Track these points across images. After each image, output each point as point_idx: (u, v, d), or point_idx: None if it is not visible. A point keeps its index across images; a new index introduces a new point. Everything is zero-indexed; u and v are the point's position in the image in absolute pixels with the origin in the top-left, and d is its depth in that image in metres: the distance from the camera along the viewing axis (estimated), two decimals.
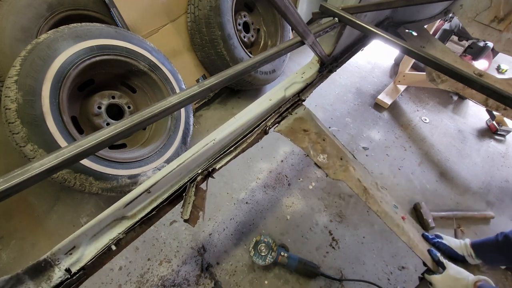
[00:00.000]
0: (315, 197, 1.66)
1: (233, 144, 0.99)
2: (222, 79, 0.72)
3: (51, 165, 0.49)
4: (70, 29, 1.21)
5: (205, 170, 0.92)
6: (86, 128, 1.40)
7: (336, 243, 1.48)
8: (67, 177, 1.15)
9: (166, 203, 0.86)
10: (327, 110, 2.22)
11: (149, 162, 1.41)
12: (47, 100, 1.11)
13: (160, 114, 0.63)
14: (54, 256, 0.69)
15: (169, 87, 1.55)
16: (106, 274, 1.30)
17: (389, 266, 1.44)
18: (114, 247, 0.76)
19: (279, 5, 0.71)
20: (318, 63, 1.22)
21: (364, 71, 2.66)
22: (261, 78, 1.97)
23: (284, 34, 2.16)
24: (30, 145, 1.06)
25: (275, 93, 1.11)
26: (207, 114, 2.06)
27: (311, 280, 1.34)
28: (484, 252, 1.01)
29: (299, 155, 1.85)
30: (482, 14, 1.44)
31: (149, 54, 1.46)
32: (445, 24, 2.30)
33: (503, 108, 1.68)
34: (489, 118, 2.30)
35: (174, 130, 1.55)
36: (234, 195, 1.62)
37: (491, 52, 2.36)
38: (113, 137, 0.56)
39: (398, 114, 2.28)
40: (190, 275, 1.32)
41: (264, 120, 1.08)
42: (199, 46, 1.81)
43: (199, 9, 1.67)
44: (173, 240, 1.42)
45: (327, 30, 1.01)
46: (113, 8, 1.54)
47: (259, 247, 1.33)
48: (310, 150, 1.09)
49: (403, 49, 0.93)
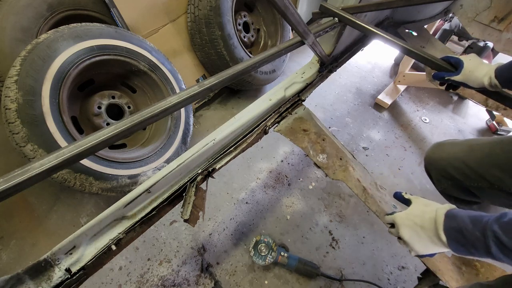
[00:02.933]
0: (315, 197, 1.66)
1: (233, 144, 0.99)
2: (222, 79, 0.72)
3: (51, 165, 0.49)
4: (70, 29, 1.21)
5: (205, 170, 0.92)
6: (86, 128, 1.40)
7: (336, 243, 1.48)
8: (67, 177, 1.15)
9: (166, 203, 0.86)
10: (327, 110, 2.22)
11: (149, 162, 1.42)
12: (47, 100, 1.11)
13: (160, 114, 0.63)
14: (54, 256, 0.69)
15: (169, 87, 1.55)
16: (106, 274, 1.30)
17: (389, 266, 1.44)
18: (114, 247, 0.76)
19: (279, 5, 0.72)
20: (318, 63, 1.23)
21: (364, 71, 2.66)
22: (261, 78, 1.97)
23: (284, 34, 2.16)
24: (30, 145, 1.06)
25: (275, 93, 1.11)
26: (207, 114, 2.06)
27: (311, 280, 1.34)
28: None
29: (299, 155, 1.85)
30: (482, 14, 1.44)
31: (149, 54, 1.46)
32: (445, 24, 2.30)
33: (503, 108, 1.68)
34: (489, 118, 2.30)
35: (174, 130, 1.55)
36: (234, 195, 1.62)
37: (491, 52, 2.36)
38: (113, 137, 0.56)
39: (398, 114, 2.28)
40: (190, 275, 1.32)
41: (264, 120, 1.08)
42: (199, 46, 1.81)
43: (199, 9, 1.67)
44: (173, 240, 1.42)
45: (327, 30, 1.01)
46: (113, 8, 1.54)
47: (259, 247, 1.33)
48: (309, 150, 1.09)
49: (403, 49, 0.93)
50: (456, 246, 0.59)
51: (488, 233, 0.53)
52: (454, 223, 0.59)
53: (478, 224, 0.55)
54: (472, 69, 0.86)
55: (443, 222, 0.60)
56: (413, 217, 0.68)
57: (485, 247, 0.54)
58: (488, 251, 0.54)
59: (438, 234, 0.61)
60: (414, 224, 0.66)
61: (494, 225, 0.53)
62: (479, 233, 0.54)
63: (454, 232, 0.59)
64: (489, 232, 0.53)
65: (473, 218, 0.57)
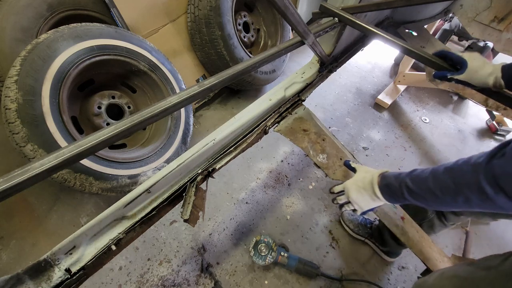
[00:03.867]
0: (315, 197, 1.66)
1: (233, 144, 0.99)
2: (222, 79, 0.72)
3: (51, 165, 0.49)
4: (70, 29, 1.21)
5: (205, 170, 0.92)
6: (86, 128, 1.40)
7: (336, 243, 1.48)
8: (67, 177, 1.15)
9: (166, 203, 0.86)
10: (327, 110, 2.22)
11: (149, 162, 1.41)
12: (47, 100, 1.11)
13: (160, 114, 0.62)
14: (54, 256, 0.68)
15: (169, 87, 1.55)
16: (106, 274, 1.30)
17: (389, 266, 1.44)
18: (114, 247, 0.76)
19: (279, 5, 0.71)
20: (318, 63, 1.22)
21: (364, 71, 2.66)
22: (261, 78, 1.97)
23: (284, 34, 2.16)
24: (30, 145, 1.06)
25: (275, 93, 1.10)
26: (207, 114, 2.06)
27: (311, 280, 1.34)
28: None
29: (299, 155, 1.85)
30: (482, 14, 1.44)
31: (149, 54, 1.46)
32: (445, 24, 2.30)
33: (503, 108, 1.69)
34: (489, 118, 2.30)
35: (174, 130, 1.55)
36: (234, 195, 1.62)
37: (491, 52, 2.36)
38: (113, 137, 0.56)
39: (398, 114, 2.28)
40: (190, 275, 1.32)
41: (264, 120, 1.08)
42: (199, 46, 1.81)
43: (199, 9, 1.67)
44: (173, 240, 1.42)
45: (327, 30, 1.01)
46: (113, 8, 1.54)
47: (259, 247, 1.33)
48: (309, 150, 1.09)
49: (403, 49, 0.93)
50: (388, 198, 0.78)
51: (402, 184, 0.71)
52: (384, 181, 0.78)
53: (398, 179, 0.74)
54: (477, 68, 0.85)
55: (377, 183, 0.80)
56: (357, 182, 0.86)
57: (401, 194, 0.72)
58: (403, 196, 0.72)
59: (375, 192, 0.79)
60: (358, 187, 0.84)
61: (406, 178, 0.71)
62: (397, 185, 0.73)
63: (385, 188, 0.78)
64: (403, 183, 0.71)
65: (396, 175, 0.76)
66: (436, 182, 0.65)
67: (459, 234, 1.60)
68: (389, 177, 0.78)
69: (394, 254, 1.41)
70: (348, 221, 1.52)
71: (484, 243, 1.58)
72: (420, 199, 0.69)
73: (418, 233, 1.10)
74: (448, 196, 0.63)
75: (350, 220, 1.52)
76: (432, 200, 0.67)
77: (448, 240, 1.57)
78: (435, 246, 1.12)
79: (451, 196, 0.62)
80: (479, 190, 0.57)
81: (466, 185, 0.59)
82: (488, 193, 0.55)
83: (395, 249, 1.38)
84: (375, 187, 0.80)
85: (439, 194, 0.64)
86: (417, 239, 1.07)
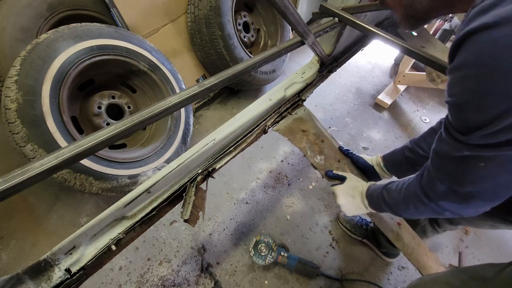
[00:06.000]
0: (315, 197, 1.66)
1: (233, 144, 0.99)
2: (222, 79, 0.72)
3: (51, 165, 0.49)
4: (70, 29, 1.21)
5: (205, 170, 0.92)
6: (86, 128, 1.40)
7: (336, 243, 1.48)
8: (67, 177, 1.15)
9: (166, 203, 0.86)
10: (327, 110, 2.22)
11: (149, 162, 1.41)
12: (47, 100, 1.11)
13: (160, 114, 0.62)
14: (54, 256, 0.68)
15: (169, 87, 1.55)
16: (106, 274, 1.30)
17: (389, 266, 1.44)
18: (114, 247, 0.76)
19: (279, 5, 0.71)
20: (318, 63, 1.22)
21: (364, 71, 2.66)
22: (261, 78, 1.97)
23: (284, 34, 2.16)
24: (30, 145, 1.06)
25: (275, 93, 1.10)
26: (207, 114, 2.06)
27: (311, 280, 1.34)
28: (392, 163, 1.08)
29: (299, 155, 1.85)
30: None
31: (149, 54, 1.46)
32: (445, 24, 2.30)
33: None
34: None
35: (174, 130, 1.55)
36: (234, 195, 1.62)
37: None
38: (113, 137, 0.56)
39: (398, 114, 2.28)
40: (190, 275, 1.32)
41: (264, 120, 1.08)
42: (199, 46, 1.81)
43: (199, 9, 1.67)
44: (173, 240, 1.42)
45: (327, 30, 1.01)
46: (113, 8, 1.54)
47: (259, 247, 1.33)
48: (307, 151, 1.09)
49: (403, 49, 0.93)
50: (373, 207, 0.89)
51: (380, 196, 0.83)
52: (369, 191, 0.89)
53: (377, 191, 0.85)
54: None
55: (365, 195, 0.90)
56: (347, 190, 0.95)
57: (379, 205, 0.83)
58: (381, 206, 0.83)
59: (364, 202, 0.90)
60: (348, 195, 0.94)
61: (383, 190, 0.82)
62: (377, 197, 0.84)
63: (370, 199, 0.88)
64: (380, 195, 0.83)
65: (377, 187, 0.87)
66: (397, 196, 0.77)
67: (459, 234, 1.60)
68: (372, 190, 0.89)
69: (393, 255, 1.41)
70: (344, 221, 1.52)
71: (484, 243, 1.58)
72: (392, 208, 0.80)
73: (415, 239, 1.09)
74: (402, 205, 0.75)
75: (346, 220, 1.52)
76: (400, 210, 0.78)
77: (448, 240, 1.57)
78: (432, 254, 1.11)
79: (404, 206, 0.74)
80: (420, 200, 0.69)
81: (411, 197, 0.72)
82: (425, 201, 0.67)
83: (392, 251, 1.38)
84: (364, 199, 0.90)
85: (400, 205, 0.76)
86: (413, 246, 1.06)
